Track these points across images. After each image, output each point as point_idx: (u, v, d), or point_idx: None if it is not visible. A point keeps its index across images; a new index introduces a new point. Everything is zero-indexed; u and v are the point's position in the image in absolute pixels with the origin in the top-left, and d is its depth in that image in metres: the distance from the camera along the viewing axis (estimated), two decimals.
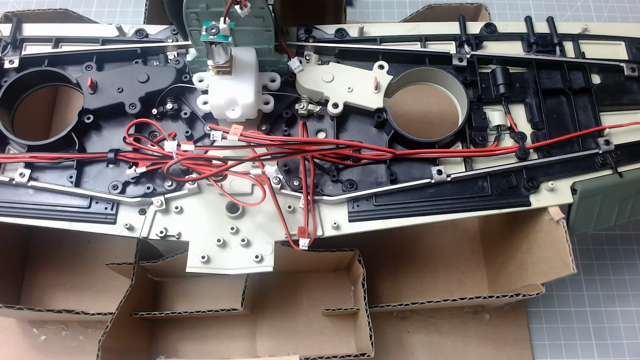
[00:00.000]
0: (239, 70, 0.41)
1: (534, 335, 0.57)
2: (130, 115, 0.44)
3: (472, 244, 0.61)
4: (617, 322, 0.58)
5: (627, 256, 0.61)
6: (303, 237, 0.41)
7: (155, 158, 0.42)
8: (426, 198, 0.44)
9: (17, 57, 0.46)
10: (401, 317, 0.57)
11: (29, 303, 0.57)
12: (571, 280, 0.60)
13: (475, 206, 0.44)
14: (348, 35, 0.48)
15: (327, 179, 0.44)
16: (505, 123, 0.46)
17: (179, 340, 0.56)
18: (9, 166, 0.44)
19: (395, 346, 0.56)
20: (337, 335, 0.57)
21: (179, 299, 0.58)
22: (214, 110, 0.42)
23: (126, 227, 0.42)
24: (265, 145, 0.42)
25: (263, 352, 0.56)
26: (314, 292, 0.58)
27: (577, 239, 0.62)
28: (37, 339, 0.56)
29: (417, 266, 0.60)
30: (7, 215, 0.42)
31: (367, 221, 0.43)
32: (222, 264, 0.42)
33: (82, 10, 0.71)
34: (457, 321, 0.58)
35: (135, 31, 0.48)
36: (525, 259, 0.50)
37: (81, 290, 0.58)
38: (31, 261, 0.59)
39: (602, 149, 0.45)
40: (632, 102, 0.48)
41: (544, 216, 0.45)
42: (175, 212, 0.43)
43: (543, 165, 0.45)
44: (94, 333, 0.56)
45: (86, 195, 0.42)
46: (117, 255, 0.59)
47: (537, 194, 0.44)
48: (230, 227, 0.42)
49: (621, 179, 0.45)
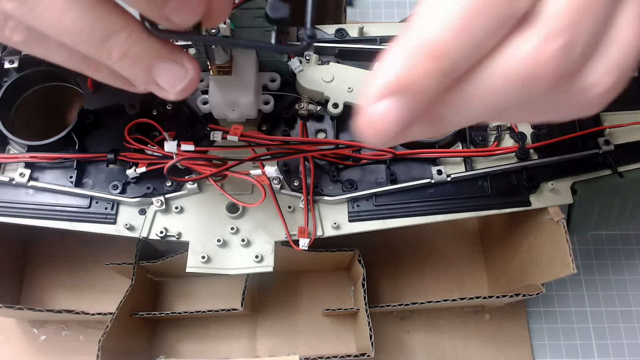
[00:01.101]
0: (239, 70, 0.41)
1: (534, 335, 0.57)
2: (131, 116, 0.44)
3: (472, 244, 0.61)
4: (617, 322, 0.58)
5: (627, 256, 0.61)
6: (303, 237, 0.41)
7: (155, 158, 0.42)
8: (426, 198, 0.44)
9: (17, 57, 0.46)
10: (401, 317, 0.58)
11: (29, 303, 0.57)
12: (571, 280, 0.60)
13: (475, 206, 0.44)
14: (348, 35, 0.48)
15: (327, 179, 0.44)
16: (506, 123, 0.46)
17: (179, 340, 0.56)
18: (9, 166, 0.44)
19: (395, 346, 0.56)
20: (337, 335, 0.57)
21: (179, 299, 0.58)
22: (214, 110, 0.42)
23: (126, 227, 0.42)
24: (265, 145, 0.42)
25: (263, 352, 0.56)
26: (314, 292, 0.58)
27: (577, 239, 0.62)
28: (37, 339, 0.56)
29: (417, 266, 0.60)
30: (7, 215, 0.42)
31: (367, 221, 0.43)
32: (222, 263, 0.42)
33: None
34: (457, 321, 0.58)
35: None
36: (525, 259, 0.50)
37: (81, 290, 0.58)
38: (31, 261, 0.59)
39: (602, 149, 0.45)
40: (632, 102, 0.48)
41: (544, 216, 0.45)
42: (175, 212, 0.43)
43: (543, 165, 0.45)
44: (94, 333, 0.56)
45: (86, 195, 0.42)
46: (117, 255, 0.58)
47: (537, 194, 0.44)
48: (230, 227, 0.42)
49: (621, 179, 0.44)
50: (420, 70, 0.19)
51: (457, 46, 0.18)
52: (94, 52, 0.23)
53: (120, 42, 0.22)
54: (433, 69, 0.19)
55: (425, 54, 0.18)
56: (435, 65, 0.18)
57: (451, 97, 0.20)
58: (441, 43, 0.18)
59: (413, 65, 0.19)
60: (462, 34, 0.18)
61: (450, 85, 0.20)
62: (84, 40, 0.22)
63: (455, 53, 0.18)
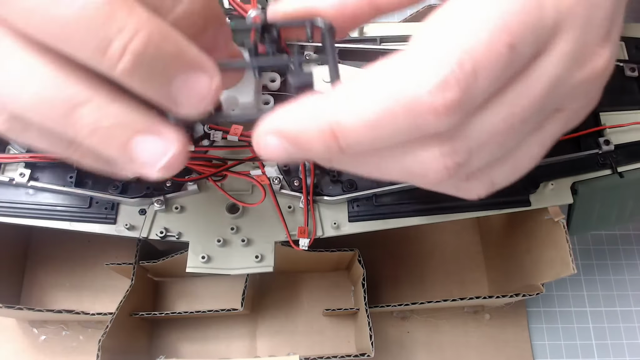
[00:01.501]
0: None
1: (534, 335, 0.57)
2: None
3: (472, 244, 0.61)
4: (617, 322, 0.58)
5: (627, 256, 0.61)
6: (303, 237, 0.41)
7: None
8: (426, 198, 0.44)
9: None
10: (401, 317, 0.57)
11: (29, 303, 0.57)
12: (571, 280, 0.60)
13: (475, 206, 0.44)
14: (348, 35, 0.48)
15: (327, 179, 0.44)
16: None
17: (179, 340, 0.56)
18: (9, 166, 0.44)
19: (395, 346, 0.56)
20: (337, 335, 0.57)
21: (179, 299, 0.58)
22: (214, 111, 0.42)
23: (126, 227, 0.42)
24: None
25: (263, 352, 0.56)
26: (314, 292, 0.58)
27: (577, 239, 0.62)
28: (37, 339, 0.56)
29: (417, 266, 0.60)
30: (7, 215, 0.42)
31: (367, 221, 0.43)
32: (223, 263, 0.42)
33: None
34: (457, 321, 0.58)
35: None
36: (525, 259, 0.50)
37: (81, 290, 0.58)
38: (31, 261, 0.59)
39: (603, 149, 0.45)
40: (631, 102, 0.48)
41: (544, 216, 0.45)
42: (175, 212, 0.43)
43: (543, 165, 0.44)
44: (94, 333, 0.56)
45: (86, 195, 0.42)
46: (117, 255, 0.59)
47: (537, 194, 0.44)
48: (230, 227, 0.42)
49: (621, 179, 0.44)
50: (314, 140, 0.21)
51: (357, 137, 0.20)
52: (63, 130, 0.20)
53: (87, 114, 0.19)
54: (326, 144, 0.21)
55: (325, 132, 0.20)
56: (329, 143, 0.21)
57: (341, 160, 0.23)
58: (345, 130, 0.20)
59: (311, 134, 0.21)
60: (369, 130, 0.20)
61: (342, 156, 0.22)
62: (50, 115, 0.19)
63: (352, 141, 0.21)
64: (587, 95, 0.26)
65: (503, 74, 0.20)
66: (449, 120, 0.20)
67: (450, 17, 0.21)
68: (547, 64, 0.22)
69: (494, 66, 0.20)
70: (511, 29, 0.20)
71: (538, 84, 0.22)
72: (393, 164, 0.23)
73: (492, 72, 0.20)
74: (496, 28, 0.20)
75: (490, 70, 0.20)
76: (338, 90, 0.22)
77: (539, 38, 0.21)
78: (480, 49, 0.19)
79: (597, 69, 0.24)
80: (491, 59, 0.20)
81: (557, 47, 0.22)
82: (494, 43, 0.19)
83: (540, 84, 0.22)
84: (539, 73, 0.22)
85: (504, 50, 0.20)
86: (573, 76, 0.23)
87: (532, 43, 0.21)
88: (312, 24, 0.26)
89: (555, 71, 0.22)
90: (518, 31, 0.20)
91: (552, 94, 0.23)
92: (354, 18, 0.28)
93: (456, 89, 0.19)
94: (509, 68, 0.20)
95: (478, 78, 0.19)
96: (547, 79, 0.22)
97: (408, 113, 0.20)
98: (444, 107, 0.19)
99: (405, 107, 0.20)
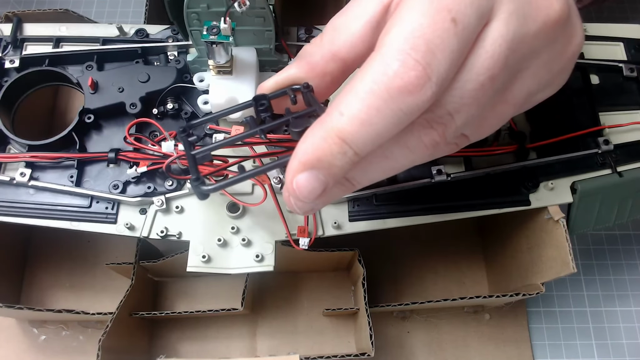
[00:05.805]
0: (239, 70, 0.41)
1: (534, 335, 0.57)
2: (131, 115, 0.44)
3: (472, 244, 0.61)
4: (617, 322, 0.58)
5: (627, 256, 0.61)
6: (303, 236, 0.41)
7: (156, 158, 0.42)
8: (426, 198, 0.44)
9: (17, 56, 0.46)
10: (401, 317, 0.58)
11: (29, 303, 0.57)
12: (571, 280, 0.60)
13: (475, 206, 0.44)
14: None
15: None
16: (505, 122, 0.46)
17: (179, 340, 0.56)
18: (10, 166, 0.44)
19: (395, 346, 0.56)
20: (337, 335, 0.57)
21: (179, 299, 0.58)
22: (214, 110, 0.42)
23: (127, 227, 0.42)
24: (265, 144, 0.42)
25: (263, 352, 0.56)
26: (314, 292, 0.58)
27: (577, 239, 0.62)
28: (37, 339, 0.56)
29: (417, 266, 0.60)
30: (8, 215, 0.43)
31: (367, 221, 0.43)
32: (223, 263, 0.42)
33: (82, 10, 0.71)
34: (457, 321, 0.58)
35: (136, 31, 0.48)
36: (525, 258, 0.50)
37: (81, 290, 0.58)
38: (31, 261, 0.59)
39: (602, 148, 0.45)
40: (631, 102, 0.48)
41: (543, 216, 0.45)
42: (175, 212, 0.43)
43: (543, 165, 0.45)
44: (94, 333, 0.56)
45: (87, 195, 0.42)
46: (117, 255, 0.59)
47: (536, 193, 0.44)
48: (230, 226, 0.42)
49: (620, 179, 0.45)
50: (328, 151, 0.24)
51: (360, 135, 0.23)
52: None
53: None
54: (339, 150, 0.23)
55: (332, 140, 0.23)
56: (340, 148, 0.23)
57: (358, 169, 0.26)
58: (346, 131, 0.23)
59: (323, 147, 0.24)
60: (364, 126, 0.23)
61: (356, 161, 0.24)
62: None
63: (358, 140, 0.23)
64: (552, 45, 0.28)
65: (459, 45, 0.23)
66: (424, 93, 0.23)
67: (398, 19, 0.24)
68: (498, 25, 0.24)
69: (446, 40, 0.23)
70: (449, 7, 0.23)
71: (496, 44, 0.24)
72: (400, 153, 0.26)
73: (447, 46, 0.23)
74: (435, 11, 0.23)
75: (444, 45, 0.23)
76: (329, 108, 0.25)
77: (480, 7, 0.24)
78: (428, 31, 0.23)
79: (552, 16, 0.26)
80: (441, 35, 0.23)
81: (503, 9, 0.24)
82: (437, 22, 0.23)
83: (497, 43, 0.24)
84: (494, 35, 0.24)
85: (449, 25, 0.23)
86: (528, 29, 0.26)
87: (474, 12, 0.24)
88: (292, 90, 0.31)
89: (507, 29, 0.25)
90: (455, 7, 0.23)
91: (513, 50, 0.25)
92: (324, 75, 0.31)
93: (418, 67, 0.22)
94: (462, 38, 0.23)
95: (435, 52, 0.23)
96: (501, 37, 0.24)
97: (388, 102, 0.23)
98: (413, 84, 0.22)
99: (382, 97, 0.23)
